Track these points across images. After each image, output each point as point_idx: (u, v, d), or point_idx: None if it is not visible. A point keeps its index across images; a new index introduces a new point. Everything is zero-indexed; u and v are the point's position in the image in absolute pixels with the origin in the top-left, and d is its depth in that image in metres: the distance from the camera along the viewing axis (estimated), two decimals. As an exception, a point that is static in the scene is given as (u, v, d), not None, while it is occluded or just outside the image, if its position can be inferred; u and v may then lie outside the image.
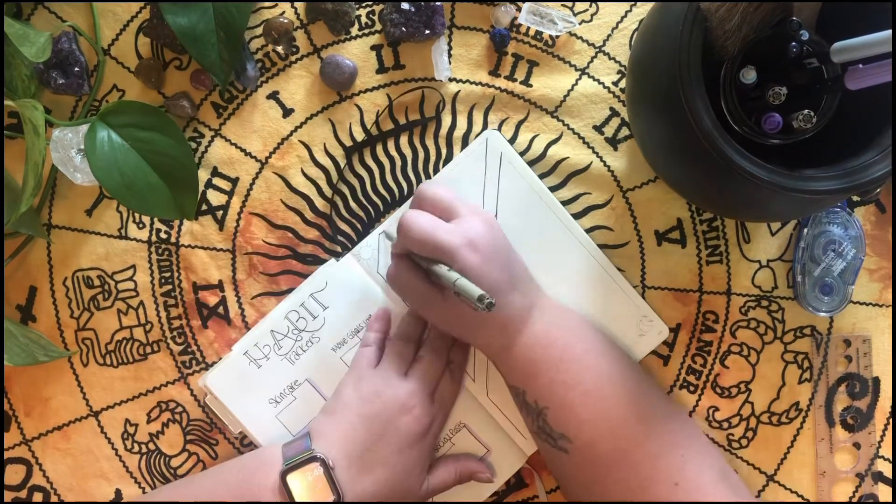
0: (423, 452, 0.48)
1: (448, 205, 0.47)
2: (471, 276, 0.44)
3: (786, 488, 0.54)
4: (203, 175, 0.54)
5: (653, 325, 0.52)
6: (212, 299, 0.54)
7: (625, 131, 0.53)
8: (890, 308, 0.53)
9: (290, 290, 0.54)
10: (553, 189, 0.53)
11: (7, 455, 0.55)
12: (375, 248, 0.52)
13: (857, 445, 0.53)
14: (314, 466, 0.45)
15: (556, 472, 0.49)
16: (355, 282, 0.52)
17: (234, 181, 0.54)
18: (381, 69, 0.53)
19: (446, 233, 0.45)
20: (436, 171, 0.53)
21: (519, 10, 0.52)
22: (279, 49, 0.53)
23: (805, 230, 0.52)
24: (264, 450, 0.49)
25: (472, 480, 0.51)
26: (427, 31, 0.52)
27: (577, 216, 0.53)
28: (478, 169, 0.52)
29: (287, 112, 0.53)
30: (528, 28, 0.53)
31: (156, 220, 0.54)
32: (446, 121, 0.53)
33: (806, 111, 0.41)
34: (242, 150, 0.54)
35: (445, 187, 0.48)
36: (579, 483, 0.46)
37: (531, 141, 0.53)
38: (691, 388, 0.53)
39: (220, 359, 0.53)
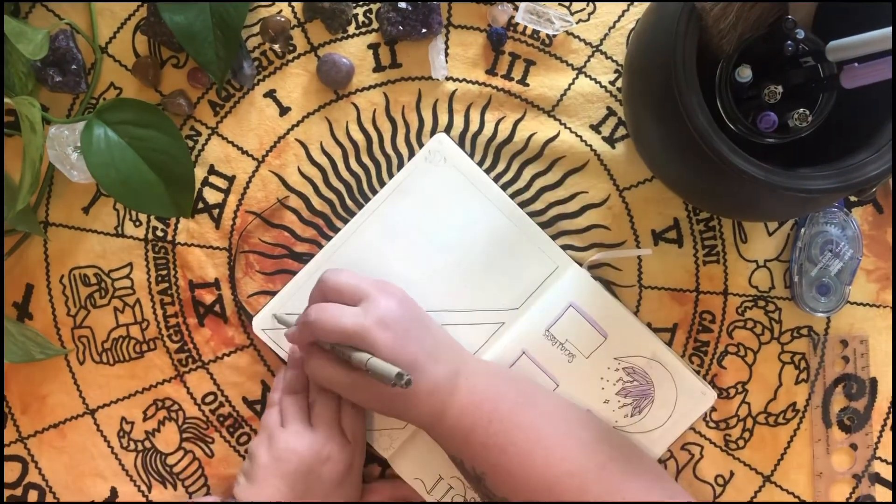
0: (351, 488, 0.49)
1: (353, 290, 0.47)
2: (386, 356, 0.44)
3: (782, 489, 0.53)
4: (200, 173, 0.54)
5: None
6: (208, 297, 0.54)
7: (622, 130, 0.53)
8: (887, 308, 0.53)
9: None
10: (549, 188, 0.53)
11: (4, 453, 0.55)
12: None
13: (853, 446, 0.53)
14: None
15: None
16: None
17: (231, 179, 0.54)
18: (378, 68, 0.53)
19: (353, 317, 0.45)
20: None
21: (516, 9, 0.52)
22: (276, 47, 0.53)
23: (802, 230, 0.52)
24: None
25: None
26: (424, 30, 0.52)
27: (573, 215, 0.53)
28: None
29: (284, 110, 0.53)
30: (526, 27, 0.53)
31: (152, 217, 0.54)
32: (443, 120, 0.53)
33: (801, 110, 0.41)
34: (239, 149, 0.54)
35: (348, 272, 0.48)
36: None
37: (528, 139, 0.53)
38: (688, 388, 0.53)
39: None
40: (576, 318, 0.51)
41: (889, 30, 0.37)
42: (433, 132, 0.53)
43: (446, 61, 0.53)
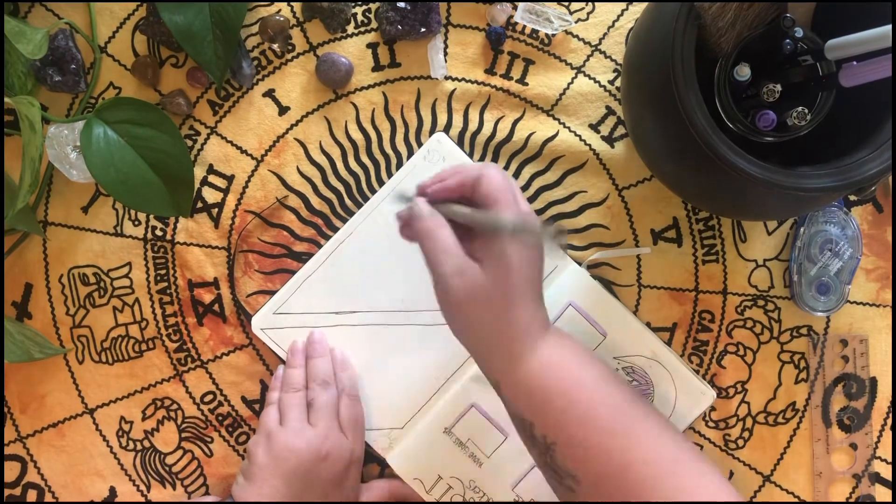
0: (350, 487, 0.49)
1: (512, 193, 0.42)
2: (509, 267, 0.40)
3: (782, 489, 0.53)
4: (199, 172, 0.54)
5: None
6: (207, 297, 0.54)
7: (621, 129, 0.53)
8: (887, 308, 0.53)
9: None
10: (548, 187, 0.53)
11: (4, 452, 0.55)
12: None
13: (853, 446, 0.53)
14: None
15: (561, 500, 0.46)
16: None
17: (230, 179, 0.54)
18: (377, 67, 0.53)
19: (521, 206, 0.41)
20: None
21: (515, 8, 0.52)
22: (275, 47, 0.53)
23: (802, 229, 0.52)
24: None
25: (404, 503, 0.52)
26: (423, 30, 0.52)
27: (572, 214, 0.53)
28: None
29: (283, 110, 0.53)
30: (525, 26, 0.53)
31: (151, 217, 0.54)
32: (442, 119, 0.53)
33: (800, 108, 0.41)
34: (238, 148, 0.54)
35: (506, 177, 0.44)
36: None
37: (527, 139, 0.53)
38: (687, 388, 0.53)
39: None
40: (575, 317, 0.51)
41: (888, 28, 0.37)
42: (432, 131, 0.53)
43: (445, 60, 0.53)
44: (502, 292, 0.41)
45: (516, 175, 0.53)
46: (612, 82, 0.53)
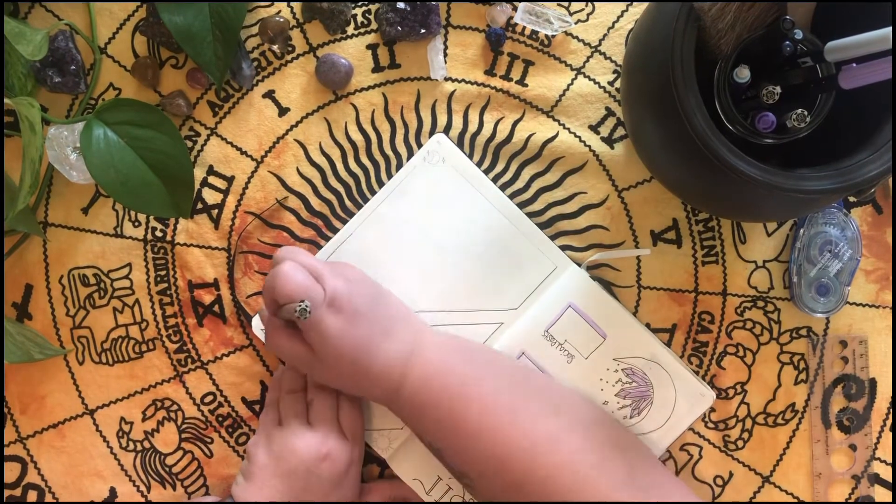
0: (350, 487, 0.49)
1: (309, 266, 0.46)
2: (334, 338, 0.45)
3: (781, 490, 0.53)
4: (199, 173, 0.54)
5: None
6: (207, 298, 0.54)
7: (620, 131, 0.53)
8: (886, 309, 0.53)
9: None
10: (548, 188, 0.53)
11: (4, 453, 0.55)
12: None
13: (853, 447, 0.53)
14: None
15: (476, 500, 0.51)
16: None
17: (230, 180, 0.54)
18: (377, 68, 0.53)
19: (305, 288, 0.44)
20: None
21: (515, 9, 0.52)
22: (275, 48, 0.53)
23: (801, 231, 0.52)
24: None
25: None
26: (423, 31, 0.52)
27: (572, 215, 0.53)
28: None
29: (283, 111, 0.54)
30: (524, 27, 0.53)
31: (151, 218, 0.54)
32: (442, 120, 0.53)
33: (800, 110, 0.41)
34: (238, 149, 0.54)
35: (304, 252, 0.48)
36: None
37: (527, 140, 0.53)
38: (687, 389, 0.53)
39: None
40: (575, 318, 0.51)
41: (888, 30, 0.37)
42: (432, 132, 0.53)
43: (445, 62, 0.53)
44: (348, 364, 0.46)
45: (516, 176, 0.53)
46: (611, 83, 0.53)
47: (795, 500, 0.53)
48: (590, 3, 0.53)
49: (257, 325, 0.53)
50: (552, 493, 0.44)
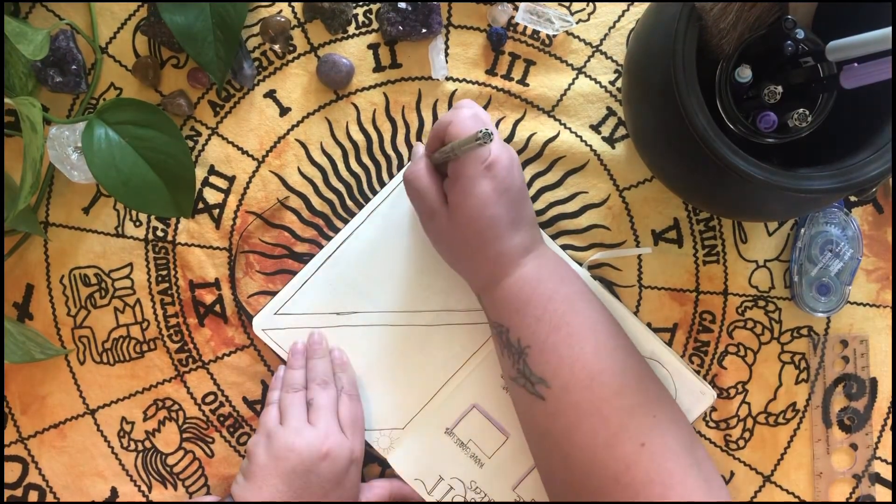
0: (350, 486, 0.49)
1: (484, 122, 0.46)
2: (473, 200, 0.44)
3: (782, 489, 0.53)
4: (200, 173, 0.54)
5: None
6: (208, 297, 0.54)
7: (622, 130, 0.53)
8: (887, 308, 0.53)
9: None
10: (549, 187, 0.53)
11: (4, 453, 0.55)
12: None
13: (854, 446, 0.53)
14: None
15: (528, 423, 0.48)
16: None
17: (231, 179, 0.54)
18: (378, 68, 0.53)
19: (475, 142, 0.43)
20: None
21: (516, 9, 0.52)
22: (276, 48, 0.53)
23: (802, 230, 0.52)
24: None
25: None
26: (424, 30, 0.52)
27: (573, 215, 0.53)
28: None
29: (284, 111, 0.54)
30: (525, 27, 0.53)
31: (152, 218, 0.54)
32: (443, 120, 0.53)
33: (801, 110, 0.41)
34: (239, 149, 0.54)
35: (482, 111, 0.47)
36: (549, 434, 0.45)
37: (528, 139, 0.53)
38: (688, 388, 0.53)
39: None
40: None
41: (889, 30, 0.37)
42: (433, 132, 0.53)
43: (446, 61, 0.53)
44: (474, 231, 0.45)
45: (517, 176, 0.53)
46: (612, 83, 0.53)
47: (796, 500, 0.53)
48: (591, 3, 0.53)
49: (258, 325, 0.53)
50: (631, 422, 0.43)
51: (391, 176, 0.53)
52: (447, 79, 0.53)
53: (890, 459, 0.53)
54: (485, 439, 0.52)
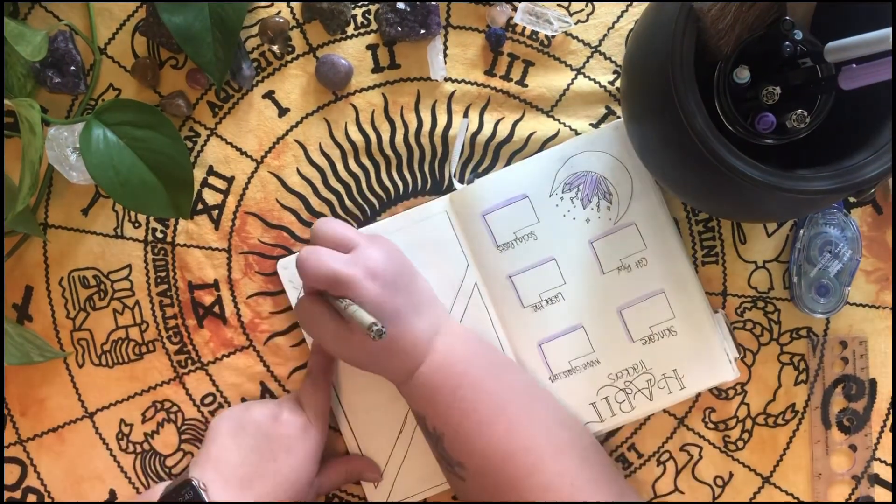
0: (305, 456, 0.48)
1: (342, 237, 0.47)
2: (370, 306, 0.44)
3: (781, 490, 0.53)
4: (199, 174, 0.54)
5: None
6: (207, 299, 0.54)
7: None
8: (886, 310, 0.53)
9: (285, 291, 0.53)
10: (548, 189, 0.53)
11: (4, 454, 0.55)
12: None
13: (853, 447, 0.53)
14: (186, 491, 0.45)
15: (458, 496, 0.50)
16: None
17: (230, 180, 0.54)
18: (377, 69, 0.53)
19: (343, 264, 0.45)
20: (432, 168, 0.53)
21: (515, 9, 0.52)
22: (275, 48, 0.53)
23: (801, 231, 0.52)
24: (151, 489, 0.49)
25: (360, 480, 0.52)
26: (423, 31, 0.52)
27: (572, 216, 0.53)
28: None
29: (283, 111, 0.53)
30: (524, 28, 0.53)
31: (151, 219, 0.54)
32: (442, 120, 0.53)
33: (800, 111, 0.41)
34: (238, 150, 0.54)
35: (339, 221, 0.49)
36: None
37: (527, 138, 0.53)
38: (687, 389, 0.53)
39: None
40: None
41: (888, 31, 0.37)
42: (432, 133, 0.53)
43: (445, 62, 0.53)
44: (378, 345, 0.45)
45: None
46: (612, 83, 0.53)
47: (795, 501, 0.53)
48: (589, 4, 0.53)
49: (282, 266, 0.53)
50: (548, 497, 0.44)
51: (390, 177, 0.53)
52: (446, 79, 0.53)
53: (889, 461, 0.53)
54: None
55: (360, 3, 0.53)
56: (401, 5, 0.51)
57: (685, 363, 0.51)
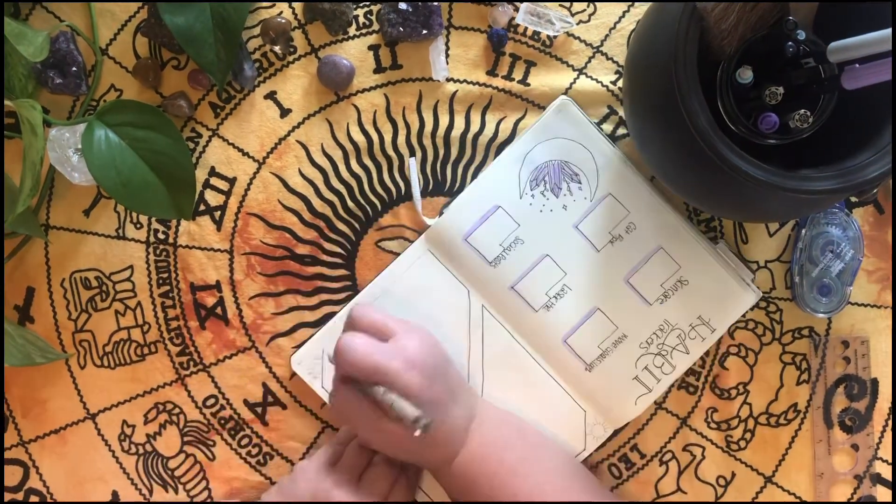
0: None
1: (381, 325, 0.47)
2: (413, 396, 0.44)
3: (784, 490, 0.53)
4: (200, 175, 0.54)
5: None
6: (209, 300, 0.54)
7: (622, 130, 0.53)
8: (888, 309, 0.53)
9: (287, 292, 0.54)
10: (550, 189, 0.53)
11: (5, 456, 0.55)
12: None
13: (855, 447, 0.53)
14: None
15: None
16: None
17: (232, 181, 0.54)
18: (379, 69, 0.53)
19: (383, 355, 0.45)
20: (434, 169, 0.53)
21: (516, 10, 0.52)
22: (277, 49, 0.53)
23: (803, 231, 0.52)
24: None
25: None
26: (424, 31, 0.52)
27: (574, 216, 0.53)
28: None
29: (284, 112, 0.53)
30: (526, 28, 0.53)
31: (153, 220, 0.54)
32: (444, 121, 0.53)
33: (802, 111, 0.41)
34: (240, 150, 0.54)
35: (375, 308, 0.49)
36: None
37: (529, 141, 0.53)
38: (690, 389, 0.53)
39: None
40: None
41: (890, 31, 0.37)
42: (434, 133, 0.53)
43: (447, 62, 0.53)
44: (416, 436, 0.44)
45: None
46: (614, 83, 0.53)
47: (797, 501, 0.53)
48: (591, 4, 0.53)
49: (296, 361, 0.52)
50: None
51: (392, 177, 0.53)
52: (448, 80, 0.53)
53: (891, 460, 0.53)
54: None
55: (361, 4, 0.53)
56: (403, 6, 0.51)
57: (707, 306, 0.51)
